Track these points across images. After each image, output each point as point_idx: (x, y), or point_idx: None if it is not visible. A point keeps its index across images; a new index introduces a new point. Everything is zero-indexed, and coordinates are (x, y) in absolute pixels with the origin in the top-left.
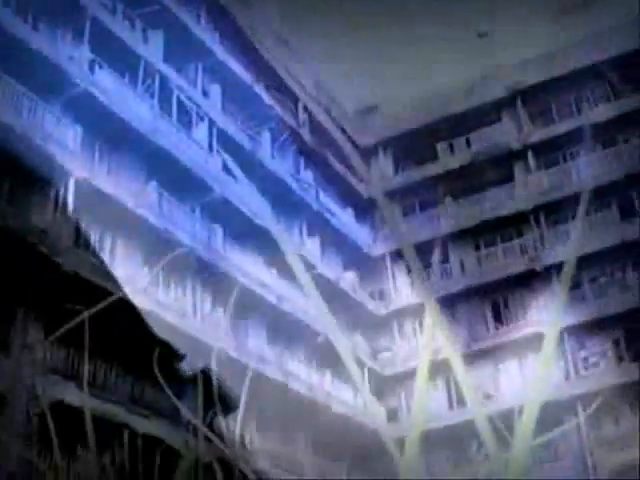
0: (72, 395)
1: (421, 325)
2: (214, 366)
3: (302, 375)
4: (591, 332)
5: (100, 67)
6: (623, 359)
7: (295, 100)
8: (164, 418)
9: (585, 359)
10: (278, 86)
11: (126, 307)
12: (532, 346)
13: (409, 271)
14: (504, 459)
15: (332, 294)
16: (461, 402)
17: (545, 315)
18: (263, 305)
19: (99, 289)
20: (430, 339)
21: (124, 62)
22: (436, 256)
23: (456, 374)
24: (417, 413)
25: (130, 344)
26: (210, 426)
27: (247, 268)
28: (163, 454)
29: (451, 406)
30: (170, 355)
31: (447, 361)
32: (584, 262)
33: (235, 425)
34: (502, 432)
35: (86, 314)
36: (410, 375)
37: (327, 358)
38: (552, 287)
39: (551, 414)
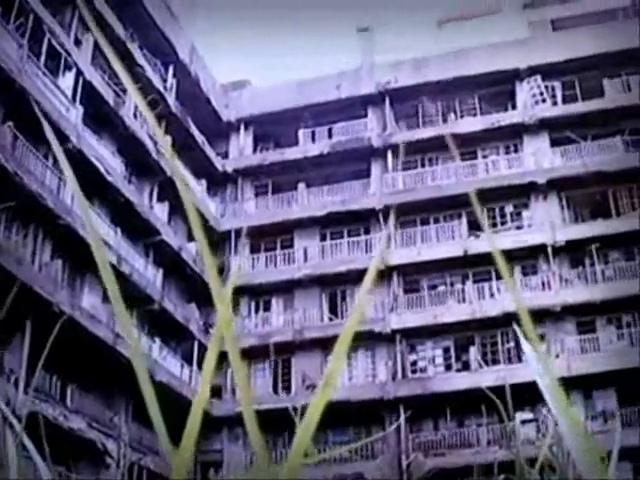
0: None
1: (257, 305)
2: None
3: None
4: (423, 337)
5: None
6: (451, 367)
7: (166, 64)
8: None
9: (414, 363)
10: (152, 47)
11: None
12: (362, 342)
13: (252, 251)
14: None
15: (173, 263)
16: (287, 388)
17: (380, 314)
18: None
19: None
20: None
21: None
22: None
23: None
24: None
25: None
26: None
27: (92, 224)
28: None
29: (276, 390)
30: None
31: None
32: (422, 268)
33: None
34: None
35: None
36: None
37: (158, 325)
38: (392, 287)
39: (374, 412)
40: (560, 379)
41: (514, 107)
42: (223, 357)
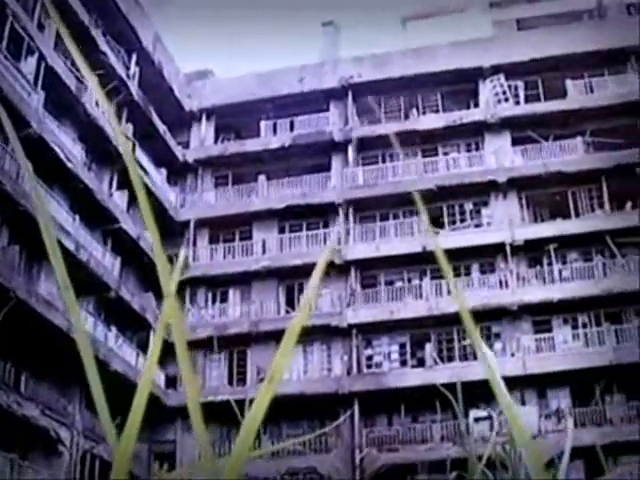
0: None
1: (214, 296)
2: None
3: (87, 326)
4: (380, 332)
5: None
6: (406, 363)
7: (130, 51)
8: None
9: (369, 357)
10: (116, 34)
11: None
12: (318, 336)
13: (211, 241)
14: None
15: (132, 251)
16: (242, 380)
17: (337, 308)
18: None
19: None
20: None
21: None
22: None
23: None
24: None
25: None
26: None
27: (50, 210)
28: None
29: (231, 382)
30: None
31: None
32: (380, 264)
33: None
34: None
35: None
36: (193, 345)
37: (115, 314)
38: (349, 282)
39: (329, 406)
40: (515, 377)
41: (476, 105)
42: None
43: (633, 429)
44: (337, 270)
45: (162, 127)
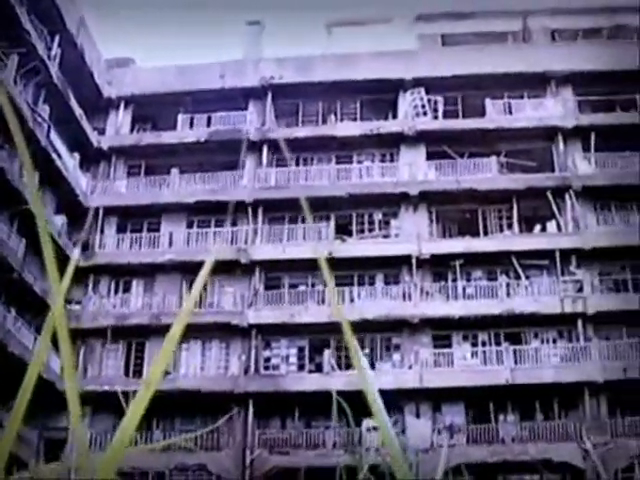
0: None
1: (117, 285)
2: None
3: None
4: (279, 335)
5: None
6: (304, 367)
7: (53, 33)
8: None
9: (268, 359)
10: (40, 14)
11: None
12: (217, 333)
13: (118, 230)
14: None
15: (38, 235)
16: (138, 372)
17: (239, 307)
18: None
19: None
20: None
21: None
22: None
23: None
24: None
25: None
26: None
27: None
28: None
29: (127, 373)
30: None
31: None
32: (286, 266)
33: None
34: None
35: None
36: (93, 333)
37: (16, 296)
38: (253, 282)
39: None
40: (412, 390)
41: (395, 116)
42: (77, 335)
43: (524, 449)
44: (242, 269)
45: (79, 111)
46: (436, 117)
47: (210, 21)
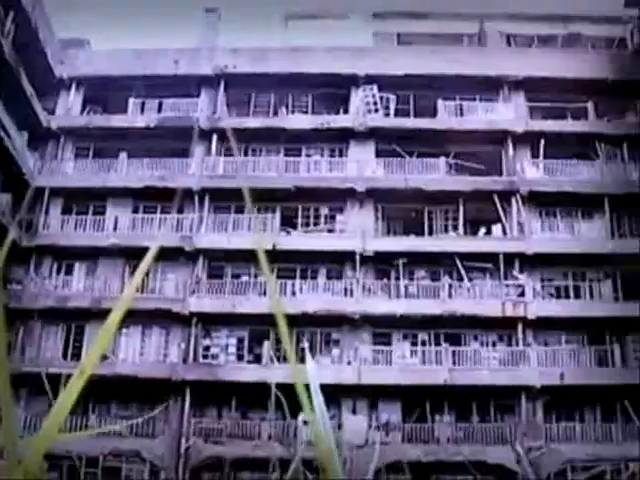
0: None
1: (59, 267)
2: None
3: None
4: (220, 324)
5: None
6: (243, 358)
7: (7, 8)
8: None
9: (207, 348)
10: None
11: None
12: (158, 319)
13: (63, 212)
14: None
15: None
16: (77, 355)
17: (181, 294)
18: None
19: None
20: None
21: None
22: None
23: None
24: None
25: None
26: None
27: None
28: None
29: (65, 356)
30: None
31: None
32: (229, 256)
33: None
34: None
35: None
36: (33, 314)
37: None
38: (196, 270)
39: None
40: (349, 386)
41: (346, 112)
42: (16, 315)
43: (458, 450)
44: (185, 257)
45: (30, 90)
46: (387, 115)
47: (167, 6)
